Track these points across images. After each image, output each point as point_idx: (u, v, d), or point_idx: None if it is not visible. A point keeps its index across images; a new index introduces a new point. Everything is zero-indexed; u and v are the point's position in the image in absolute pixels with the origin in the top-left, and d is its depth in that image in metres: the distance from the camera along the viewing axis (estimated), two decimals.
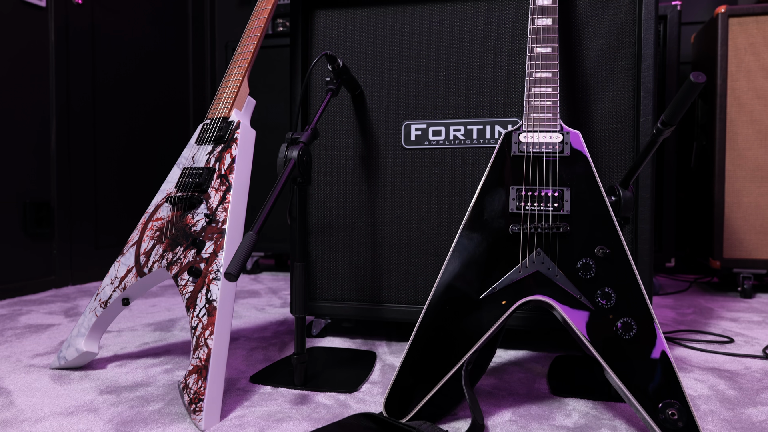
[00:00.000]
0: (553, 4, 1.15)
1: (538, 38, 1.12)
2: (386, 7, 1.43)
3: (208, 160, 1.19)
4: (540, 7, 1.15)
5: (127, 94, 2.60)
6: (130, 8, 2.59)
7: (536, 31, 1.13)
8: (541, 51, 1.11)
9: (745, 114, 2.05)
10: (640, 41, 1.26)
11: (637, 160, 0.96)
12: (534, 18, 1.15)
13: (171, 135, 2.87)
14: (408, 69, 1.42)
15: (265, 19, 1.31)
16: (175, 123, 2.90)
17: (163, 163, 2.79)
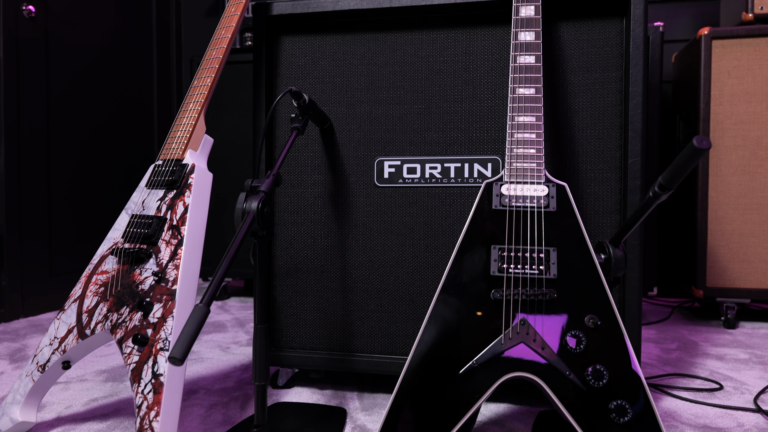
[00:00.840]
0: (537, 40, 1.06)
1: (520, 78, 1.03)
2: (357, 34, 1.33)
3: (159, 207, 1.07)
4: (522, 44, 1.06)
5: (86, 111, 2.46)
6: (88, 20, 2.45)
7: (518, 69, 1.04)
8: (523, 92, 1.02)
9: (729, 139, 2.00)
10: (628, 77, 1.17)
11: (630, 221, 0.88)
12: (516, 55, 1.06)
13: (134, 154, 2.73)
14: (381, 101, 1.32)
15: (224, 48, 1.19)
16: (138, 141, 2.76)
17: (125, 184, 2.65)
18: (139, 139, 2.76)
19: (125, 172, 2.66)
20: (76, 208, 2.40)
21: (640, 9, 1.16)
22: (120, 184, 2.62)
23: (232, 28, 1.21)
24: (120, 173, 2.63)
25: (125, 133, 2.67)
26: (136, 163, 2.73)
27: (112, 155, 2.60)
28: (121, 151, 2.65)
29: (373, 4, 1.28)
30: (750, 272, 1.99)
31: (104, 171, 2.55)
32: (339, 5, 1.29)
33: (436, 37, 1.29)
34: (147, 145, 2.81)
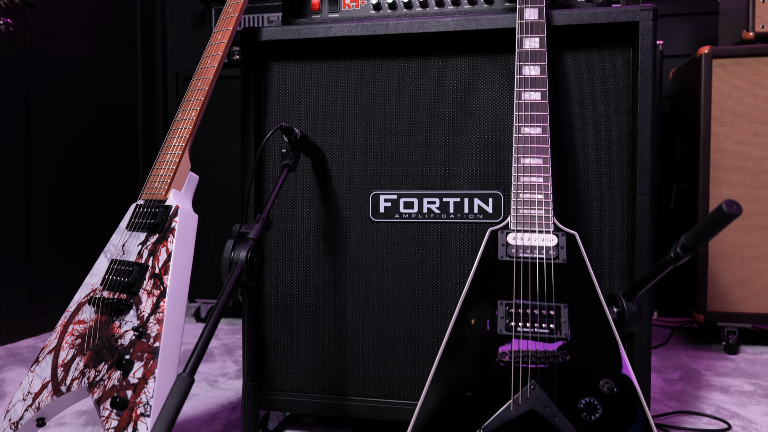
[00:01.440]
0: (542, 75, 1.01)
1: (525, 116, 0.98)
2: (351, 61, 1.26)
3: (140, 252, 1.00)
4: (527, 79, 1.00)
5: (68, 124, 2.37)
6: (70, 33, 2.36)
7: (524, 107, 0.98)
8: (529, 131, 0.96)
9: (729, 160, 1.95)
10: (636, 111, 1.12)
11: (646, 277, 0.82)
12: (520, 91, 1.00)
13: (118, 172, 2.64)
14: (376, 131, 1.25)
15: (210, 79, 1.12)
16: (122, 156, 2.67)
17: (109, 200, 2.56)
18: (123, 154, 2.68)
19: (109, 187, 2.58)
20: (57, 225, 2.31)
21: (649, 40, 1.11)
22: (103, 200, 2.54)
23: (219, 57, 1.14)
24: (104, 189, 2.55)
25: (109, 148, 2.59)
26: (120, 177, 2.65)
27: (95, 170, 2.51)
28: (105, 167, 2.56)
29: (368, 30, 1.21)
30: (751, 296, 1.95)
31: (87, 187, 2.46)
32: (332, 32, 1.23)
33: (433, 65, 1.23)
34: (131, 160, 2.72)
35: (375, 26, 1.21)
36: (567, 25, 1.14)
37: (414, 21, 1.20)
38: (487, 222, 1.20)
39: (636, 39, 1.13)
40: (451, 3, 1.28)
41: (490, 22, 1.16)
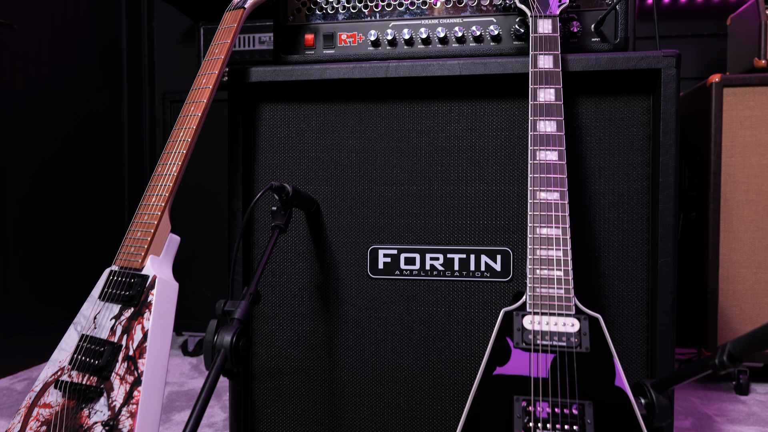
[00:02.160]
0: (559, 131, 0.91)
1: (541, 179, 0.88)
2: (348, 103, 1.17)
3: (114, 328, 0.90)
4: (542, 136, 0.91)
5: (45, 147, 2.25)
6: (49, 53, 2.25)
7: (538, 168, 0.89)
8: (546, 197, 0.87)
9: (741, 193, 1.87)
10: (657, 165, 1.03)
11: (681, 373, 0.73)
12: (535, 150, 0.90)
13: (103, 198, 2.53)
14: (374, 180, 1.16)
15: (193, 129, 1.02)
16: (105, 183, 2.56)
17: (99, 232, 2.45)
18: (106, 181, 2.56)
19: (91, 214, 2.46)
20: (39, 258, 2.20)
21: (672, 89, 1.02)
22: (89, 233, 2.42)
23: (203, 104, 1.04)
24: (85, 217, 2.43)
25: (89, 174, 2.47)
26: (106, 211, 2.53)
27: (76, 197, 2.40)
28: (90, 198, 2.45)
29: (366, 73, 1.12)
30: None
31: (67, 214, 2.35)
32: (327, 74, 1.13)
33: (437, 110, 1.14)
34: (116, 189, 2.61)
35: (374, 69, 1.11)
36: (583, 71, 1.05)
37: (416, 64, 1.10)
38: (495, 281, 1.11)
39: (657, 86, 1.04)
40: (455, 41, 1.18)
41: (499, 66, 1.07)
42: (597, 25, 1.13)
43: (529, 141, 0.92)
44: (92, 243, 2.46)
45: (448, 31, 1.18)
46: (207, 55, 1.09)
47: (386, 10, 1.22)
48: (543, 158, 0.90)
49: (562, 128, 0.92)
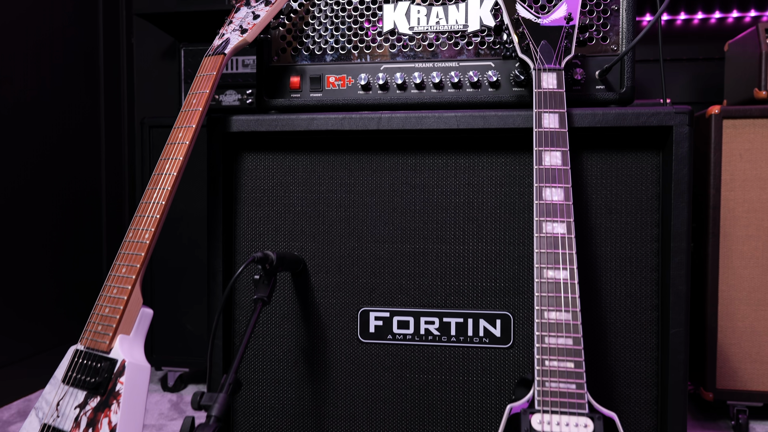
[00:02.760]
0: (567, 200, 0.84)
1: (548, 255, 0.81)
2: (336, 154, 1.09)
3: (78, 419, 0.81)
4: (549, 206, 0.84)
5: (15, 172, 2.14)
6: (23, 71, 2.14)
7: (545, 242, 0.82)
8: (554, 276, 0.80)
9: (740, 228, 1.82)
10: (669, 230, 0.96)
11: None
12: (541, 222, 0.83)
13: (79, 226, 2.42)
14: (365, 237, 1.08)
15: (168, 191, 0.94)
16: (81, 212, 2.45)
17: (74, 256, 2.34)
18: (82, 209, 2.45)
19: (67, 242, 2.36)
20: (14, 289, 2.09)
21: (684, 148, 0.95)
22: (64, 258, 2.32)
23: (179, 162, 0.95)
24: (62, 240, 2.33)
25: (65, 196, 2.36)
26: (79, 235, 2.42)
27: (51, 218, 2.29)
28: (64, 227, 2.34)
29: (356, 125, 1.04)
30: (763, 374, 1.82)
31: (42, 236, 2.24)
32: (314, 125, 1.05)
33: (432, 163, 1.06)
34: (95, 215, 2.50)
35: (364, 120, 1.04)
36: (589, 128, 0.98)
37: (410, 116, 1.02)
38: (495, 347, 1.04)
39: (668, 143, 0.97)
40: (451, 86, 1.11)
41: (500, 120, 1.00)
42: (602, 73, 1.06)
43: (535, 211, 0.85)
44: (62, 276, 2.35)
45: (443, 76, 1.11)
46: (185, 104, 1.01)
47: (377, 52, 1.14)
48: (550, 231, 0.83)
49: (570, 196, 0.85)
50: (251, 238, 1.11)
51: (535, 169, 0.87)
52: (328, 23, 1.15)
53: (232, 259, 1.11)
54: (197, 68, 2.34)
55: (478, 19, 1.10)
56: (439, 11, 1.11)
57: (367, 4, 1.14)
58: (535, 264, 0.82)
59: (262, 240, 1.11)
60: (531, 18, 1.01)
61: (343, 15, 1.14)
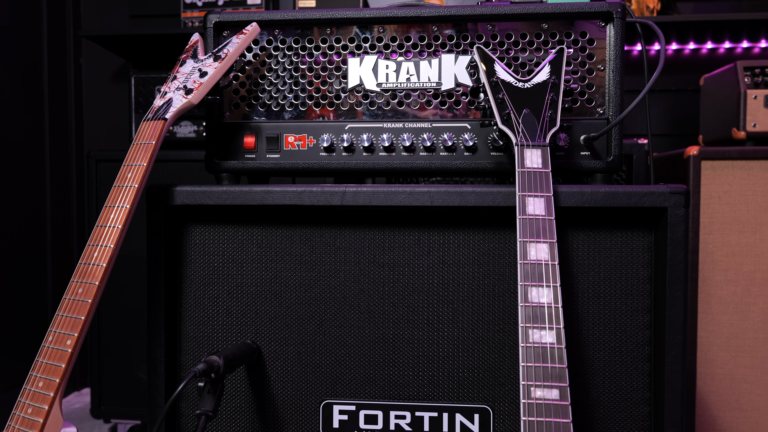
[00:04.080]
0: (556, 303, 0.74)
1: (537, 370, 0.71)
2: (295, 228, 0.97)
3: None
4: (536, 309, 0.74)
5: None
6: None
7: (533, 354, 0.72)
8: (542, 395, 0.70)
9: (719, 273, 1.76)
10: (664, 321, 0.87)
11: None
12: (528, 329, 0.73)
13: (19, 267, 2.23)
14: (328, 321, 0.96)
15: (96, 286, 0.80)
16: (23, 245, 2.26)
17: (15, 300, 2.15)
18: (23, 248, 2.27)
19: (8, 280, 2.17)
20: None
21: (680, 232, 0.86)
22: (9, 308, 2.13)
23: (110, 250, 0.82)
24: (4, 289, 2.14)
25: (5, 231, 2.18)
26: (25, 279, 2.24)
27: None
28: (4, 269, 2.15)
29: (317, 200, 0.92)
30: (743, 421, 1.77)
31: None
32: (269, 198, 0.93)
33: (403, 240, 0.95)
34: (37, 255, 2.32)
35: (327, 195, 0.92)
36: (576, 207, 0.88)
37: (378, 191, 0.91)
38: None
39: (661, 223, 0.88)
40: (423, 149, 1.00)
41: (478, 197, 0.89)
42: (588, 140, 0.97)
43: (520, 316, 0.74)
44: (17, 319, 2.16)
45: (415, 138, 1.00)
46: (118, 177, 0.87)
47: (342, 110, 1.03)
48: (538, 341, 0.72)
49: (559, 298, 0.75)
50: (199, 322, 0.98)
51: (520, 264, 0.77)
52: (287, 77, 1.03)
53: (176, 346, 0.98)
54: (149, 96, 2.19)
55: (453, 77, 1.00)
56: (410, 67, 1.01)
57: (330, 56, 1.02)
58: (521, 380, 0.71)
59: (211, 324, 0.98)
60: (511, 81, 0.91)
61: (303, 68, 1.03)
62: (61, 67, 2.44)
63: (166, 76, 2.06)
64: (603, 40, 0.98)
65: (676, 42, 2.18)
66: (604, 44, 0.98)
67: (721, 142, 1.93)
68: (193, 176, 1.89)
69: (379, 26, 1.01)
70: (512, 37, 0.99)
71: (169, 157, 1.91)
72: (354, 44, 1.02)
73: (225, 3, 2.15)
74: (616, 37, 0.97)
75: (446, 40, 1.00)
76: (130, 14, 2.51)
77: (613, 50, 0.97)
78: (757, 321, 1.75)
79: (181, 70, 0.97)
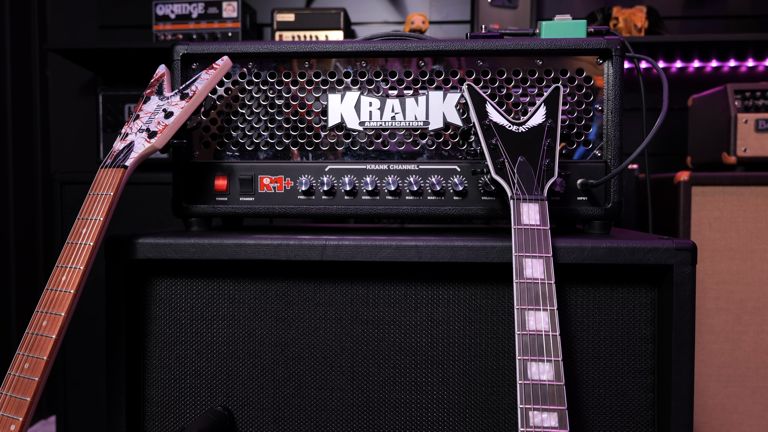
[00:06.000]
0: (558, 381, 0.68)
1: None
2: (270, 281, 0.89)
3: None
4: (536, 387, 0.67)
5: None
6: None
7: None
8: None
9: (710, 301, 1.72)
10: (670, 387, 0.81)
11: None
12: (527, 410, 0.66)
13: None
14: (307, 383, 0.89)
15: (42, 364, 0.71)
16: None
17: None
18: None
19: None
20: None
21: (687, 290, 0.80)
22: None
23: (61, 319, 0.73)
24: None
25: None
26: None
27: None
28: None
29: (295, 254, 0.84)
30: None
31: None
32: (242, 253, 0.85)
33: (388, 296, 0.88)
34: None
35: (305, 249, 0.84)
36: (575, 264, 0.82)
37: (362, 244, 0.84)
38: None
39: (666, 279, 0.82)
40: (409, 193, 0.93)
41: (470, 253, 0.82)
42: (585, 185, 0.90)
43: (518, 395, 0.67)
44: None
45: (400, 182, 0.93)
46: (72, 232, 0.78)
47: (321, 149, 0.95)
48: (539, 424, 0.65)
49: (562, 374, 0.68)
50: (164, 385, 0.90)
51: (517, 335, 0.70)
52: (262, 113, 0.95)
53: (140, 412, 0.89)
54: (118, 115, 2.07)
55: (441, 116, 0.93)
56: (395, 104, 0.94)
57: (308, 92, 0.94)
58: None
59: (178, 387, 0.89)
60: (505, 125, 0.84)
61: (279, 104, 0.95)
62: (25, 80, 2.31)
63: (137, 94, 1.97)
64: (601, 78, 0.92)
65: (663, 60, 2.14)
66: (601, 82, 0.92)
67: (710, 166, 1.89)
68: (164, 200, 1.80)
69: (361, 60, 0.94)
70: (504, 74, 0.93)
71: (139, 180, 1.81)
72: (335, 79, 0.94)
73: (199, 16, 2.05)
74: (615, 76, 0.91)
75: (434, 76, 0.93)
76: (99, 24, 2.39)
77: (612, 89, 0.91)
78: (749, 350, 1.72)
79: (144, 108, 0.89)
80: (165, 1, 2.06)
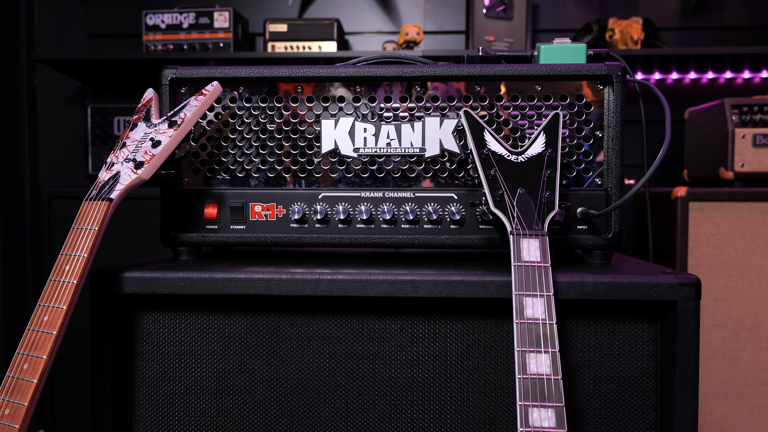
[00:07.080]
0: (561, 427, 0.65)
1: None
2: (262, 315, 0.86)
3: None
4: None
5: None
6: None
7: None
8: None
9: (708, 318, 1.71)
10: (673, 421, 0.79)
11: None
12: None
13: None
14: (299, 420, 0.86)
15: (24, 413, 0.68)
16: None
17: None
18: None
19: None
20: None
21: (691, 327, 0.78)
22: None
23: (43, 362, 0.70)
24: None
25: None
26: None
27: None
28: None
29: (288, 289, 0.81)
30: None
31: None
32: (232, 287, 0.82)
33: (383, 330, 0.85)
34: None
35: (298, 284, 0.81)
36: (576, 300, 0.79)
37: (356, 279, 0.81)
38: None
39: (669, 314, 0.80)
40: (405, 221, 0.91)
41: (468, 288, 0.80)
42: (585, 215, 0.88)
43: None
44: None
45: (396, 210, 0.90)
46: (55, 269, 0.75)
47: (314, 176, 0.92)
48: None
49: (564, 422, 0.65)
50: (152, 422, 0.87)
51: (518, 379, 0.68)
52: (253, 139, 0.93)
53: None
54: (106, 128, 2.04)
55: (438, 143, 0.91)
56: (390, 130, 0.91)
57: (301, 117, 0.92)
58: None
59: (166, 423, 0.86)
60: (504, 154, 0.82)
61: (271, 129, 0.92)
62: (12, 90, 2.27)
63: (126, 106, 1.93)
64: (601, 103, 0.90)
65: (659, 72, 2.12)
66: (602, 109, 0.90)
67: (707, 180, 1.88)
68: (155, 215, 1.76)
69: (356, 85, 0.91)
70: (503, 100, 0.90)
71: (130, 194, 1.77)
72: (328, 104, 0.92)
73: (190, 26, 2.02)
74: (616, 103, 0.89)
75: (430, 101, 0.91)
76: (88, 33, 2.35)
77: (613, 116, 0.89)
78: (746, 367, 1.70)
79: (131, 135, 0.86)
80: (155, 11, 2.03)
